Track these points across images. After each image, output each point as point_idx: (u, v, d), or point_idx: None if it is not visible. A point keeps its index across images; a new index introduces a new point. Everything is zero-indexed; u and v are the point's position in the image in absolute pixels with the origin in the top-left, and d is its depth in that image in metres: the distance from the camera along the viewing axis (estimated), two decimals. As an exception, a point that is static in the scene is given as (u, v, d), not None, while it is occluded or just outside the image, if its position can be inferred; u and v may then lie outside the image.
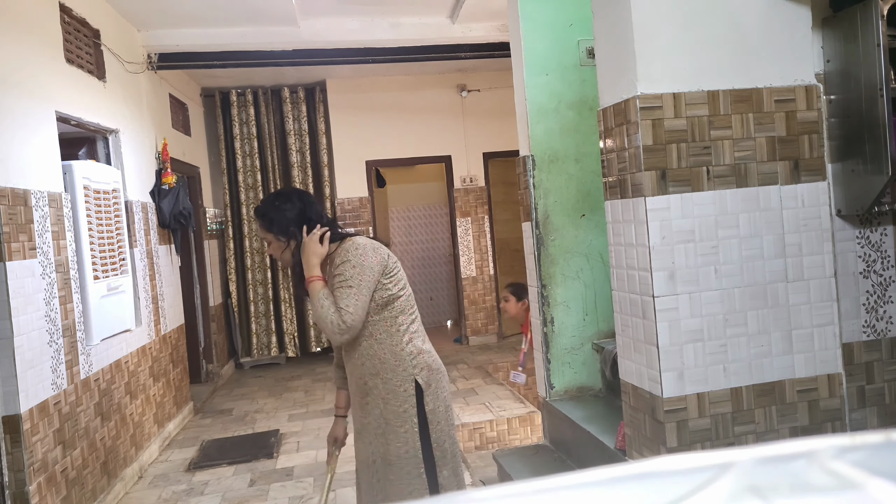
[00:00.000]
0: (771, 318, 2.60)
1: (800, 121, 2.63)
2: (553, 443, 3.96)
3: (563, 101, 3.92)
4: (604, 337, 3.97)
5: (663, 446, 2.53)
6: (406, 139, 7.51)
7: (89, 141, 4.49)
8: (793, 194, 2.62)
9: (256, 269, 7.40)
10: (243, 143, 7.38)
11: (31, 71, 3.44)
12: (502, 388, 5.65)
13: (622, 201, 2.68)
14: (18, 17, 3.37)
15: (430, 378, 2.35)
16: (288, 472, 4.08)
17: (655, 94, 2.50)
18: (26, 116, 3.32)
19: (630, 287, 2.67)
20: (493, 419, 4.80)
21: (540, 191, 3.89)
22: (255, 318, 7.39)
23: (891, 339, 2.85)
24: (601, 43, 2.80)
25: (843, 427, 2.69)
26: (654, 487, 0.43)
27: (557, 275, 3.92)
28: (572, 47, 3.93)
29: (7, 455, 2.98)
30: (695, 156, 2.54)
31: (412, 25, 5.72)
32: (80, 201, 3.78)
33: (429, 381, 2.34)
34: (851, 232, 2.80)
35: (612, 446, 3.11)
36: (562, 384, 3.97)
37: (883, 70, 2.48)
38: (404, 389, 2.32)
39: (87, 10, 4.24)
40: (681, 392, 2.52)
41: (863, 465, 0.42)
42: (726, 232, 2.56)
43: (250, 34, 5.51)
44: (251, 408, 5.72)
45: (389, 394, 2.32)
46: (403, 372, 2.32)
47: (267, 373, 7.12)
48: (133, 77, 5.04)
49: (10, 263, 3.00)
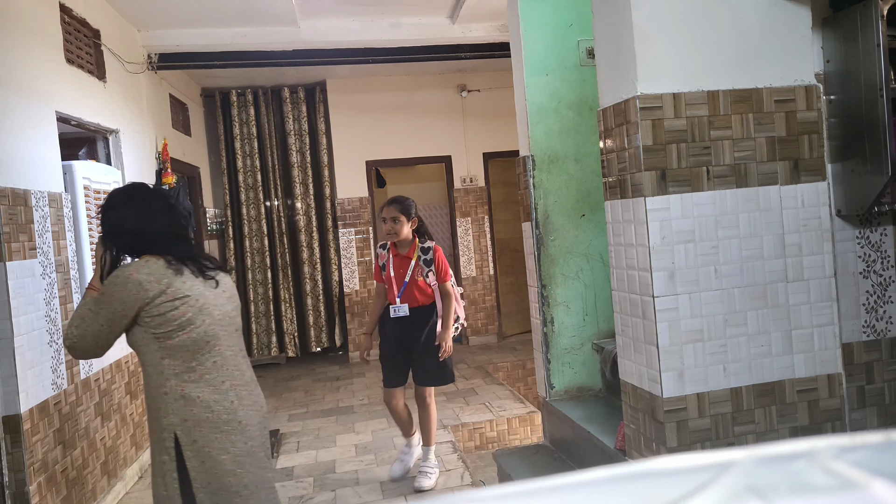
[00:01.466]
0: (771, 318, 2.60)
1: (800, 121, 2.63)
2: (553, 443, 3.96)
3: (563, 101, 3.92)
4: (604, 337, 3.97)
5: (663, 446, 2.53)
6: (406, 139, 7.51)
7: (89, 141, 4.49)
8: (793, 194, 2.62)
9: (256, 269, 7.40)
10: (243, 143, 7.38)
11: (32, 71, 3.44)
12: (502, 388, 5.65)
13: (622, 201, 2.68)
14: (18, 17, 3.37)
15: (193, 432, 2.03)
16: (288, 472, 4.08)
17: (655, 94, 2.51)
18: (26, 116, 3.32)
19: (630, 287, 2.67)
20: (493, 419, 4.80)
21: (540, 191, 3.89)
22: (255, 318, 7.39)
23: (891, 339, 2.85)
24: (601, 43, 2.80)
25: (843, 427, 2.69)
26: (654, 487, 0.43)
27: (557, 275, 3.92)
28: (572, 47, 3.93)
29: (7, 455, 2.98)
30: (695, 156, 2.54)
31: (412, 25, 5.72)
32: (80, 201, 3.78)
33: (192, 437, 2.03)
34: (851, 232, 2.81)
35: (612, 446, 3.11)
36: (562, 384, 3.97)
37: (883, 70, 2.48)
38: (163, 439, 2.05)
39: (87, 10, 4.24)
40: (681, 392, 2.52)
41: (863, 465, 0.42)
42: (726, 232, 2.56)
43: (250, 34, 5.51)
44: (251, 408, 5.72)
45: (153, 439, 2.10)
46: (164, 419, 2.05)
47: (267, 373, 7.12)
48: (133, 77, 5.04)
49: (10, 263, 3.00)
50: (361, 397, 5.73)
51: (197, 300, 2.05)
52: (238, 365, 2.16)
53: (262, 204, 7.42)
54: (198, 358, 2.06)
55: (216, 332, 2.09)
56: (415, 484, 3.72)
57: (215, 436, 2.04)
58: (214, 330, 2.08)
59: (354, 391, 5.97)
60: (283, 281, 7.45)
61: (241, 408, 2.11)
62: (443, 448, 4.26)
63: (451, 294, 3.74)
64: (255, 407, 2.17)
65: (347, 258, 7.37)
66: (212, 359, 2.08)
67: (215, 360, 2.09)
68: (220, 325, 2.10)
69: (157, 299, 1.99)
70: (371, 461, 4.13)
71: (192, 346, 2.05)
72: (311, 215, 7.51)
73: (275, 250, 7.48)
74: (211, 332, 2.07)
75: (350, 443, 4.49)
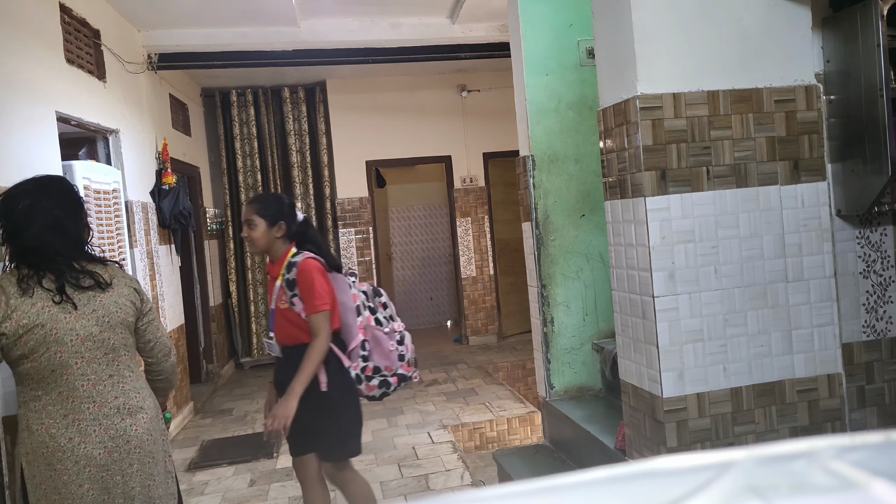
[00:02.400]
0: (771, 318, 2.60)
1: (800, 121, 2.63)
2: (553, 443, 3.96)
3: (563, 101, 3.92)
4: (604, 337, 3.97)
5: (663, 446, 2.53)
6: (406, 139, 7.51)
7: (89, 141, 4.49)
8: (793, 194, 2.62)
9: (256, 269, 7.40)
10: (243, 143, 7.38)
11: (32, 71, 3.44)
12: (502, 388, 5.65)
13: (622, 201, 2.68)
14: (19, 17, 3.37)
15: (32, 466, 1.89)
16: (288, 472, 4.08)
17: (655, 94, 2.51)
18: (26, 116, 3.32)
19: (630, 287, 2.67)
20: (493, 419, 4.81)
21: (540, 191, 3.89)
22: (255, 318, 7.39)
23: (891, 339, 2.85)
24: (601, 43, 2.80)
25: (843, 427, 2.69)
26: (654, 487, 0.43)
27: (557, 275, 3.92)
28: (572, 47, 3.93)
29: (7, 455, 2.98)
30: (695, 156, 2.54)
31: (412, 25, 5.72)
32: (80, 201, 3.78)
33: (31, 471, 1.90)
34: (851, 232, 2.81)
35: (612, 446, 3.11)
36: (562, 384, 3.97)
37: (883, 70, 2.48)
38: (15, 466, 1.95)
39: (87, 10, 4.24)
40: (681, 392, 2.52)
41: (863, 465, 0.42)
42: (726, 232, 2.56)
43: (250, 34, 5.51)
44: (251, 408, 5.71)
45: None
46: (17, 446, 1.93)
47: (267, 373, 7.12)
48: (133, 77, 5.04)
49: (10, 263, 2.99)
50: (361, 397, 5.73)
51: (43, 326, 1.85)
52: (94, 396, 1.92)
53: (262, 204, 7.42)
54: (43, 387, 1.89)
55: (66, 361, 1.88)
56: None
57: (49, 473, 1.89)
58: (63, 358, 1.88)
59: (354, 391, 5.97)
60: (283, 281, 7.45)
61: (83, 445, 1.89)
62: (443, 448, 4.26)
63: (320, 333, 2.57)
64: (108, 445, 1.93)
65: (347, 258, 7.37)
66: (57, 389, 1.89)
67: (61, 391, 1.89)
68: (73, 352, 1.89)
69: (3, 324, 1.82)
70: (371, 461, 4.13)
71: (36, 375, 1.88)
72: (311, 215, 7.51)
73: (275, 250, 7.48)
74: (58, 360, 1.87)
75: (350, 443, 4.49)
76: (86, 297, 1.93)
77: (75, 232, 1.97)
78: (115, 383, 1.98)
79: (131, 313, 2.04)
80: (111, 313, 1.97)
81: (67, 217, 1.95)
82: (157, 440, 2.06)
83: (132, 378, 2.04)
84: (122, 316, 2.00)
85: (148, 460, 2.01)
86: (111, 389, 1.96)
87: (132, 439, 1.97)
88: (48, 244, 1.90)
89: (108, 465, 1.92)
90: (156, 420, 2.08)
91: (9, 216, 1.91)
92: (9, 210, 1.91)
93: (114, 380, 1.98)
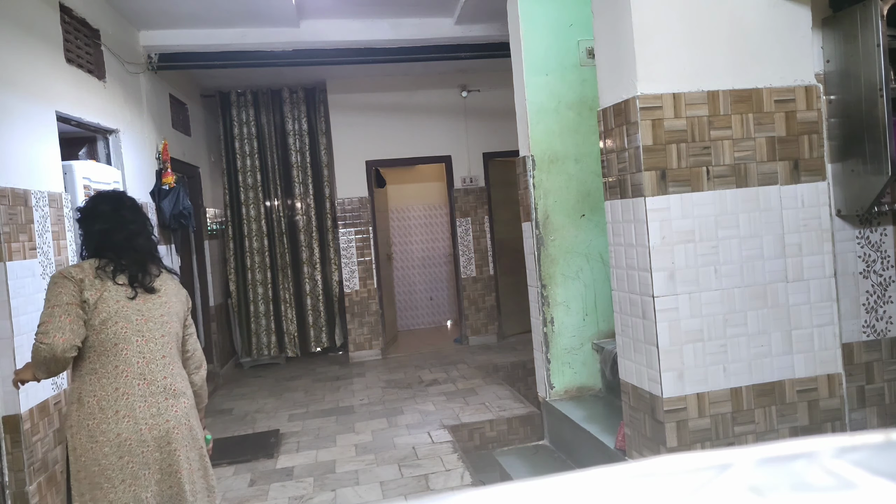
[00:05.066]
0: (771, 318, 2.60)
1: (800, 121, 2.63)
2: (553, 443, 3.96)
3: (563, 101, 3.92)
4: (604, 337, 3.97)
5: (663, 446, 2.53)
6: (406, 139, 7.51)
7: (89, 141, 4.49)
8: (793, 194, 2.62)
9: (256, 269, 7.39)
10: (243, 143, 7.38)
11: (32, 71, 3.44)
12: (502, 387, 5.65)
13: (622, 201, 2.68)
14: (19, 17, 3.37)
15: (74, 439, 2.06)
16: (288, 472, 4.08)
17: (655, 94, 2.51)
18: (26, 116, 3.32)
19: (630, 287, 2.67)
20: (493, 419, 4.81)
21: (540, 191, 3.89)
22: (255, 318, 7.39)
23: (891, 339, 2.85)
24: (601, 43, 2.80)
25: (843, 427, 2.69)
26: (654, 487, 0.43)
27: (557, 275, 3.92)
28: (572, 47, 3.93)
29: (7, 455, 2.98)
30: (695, 156, 2.54)
31: (412, 25, 5.72)
32: (80, 201, 3.78)
33: (74, 445, 2.07)
34: (851, 232, 2.81)
35: (612, 446, 3.11)
36: (562, 384, 3.97)
37: (883, 70, 2.48)
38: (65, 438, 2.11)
39: (87, 10, 4.24)
40: (681, 392, 2.52)
41: (863, 465, 0.42)
42: (726, 232, 2.56)
43: (250, 34, 5.51)
44: (251, 408, 5.72)
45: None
46: (65, 421, 2.11)
47: (267, 373, 7.12)
48: (133, 77, 5.04)
49: (10, 263, 3.00)
50: (361, 397, 5.73)
51: (117, 302, 2.10)
52: (145, 374, 2.12)
53: (262, 204, 7.42)
54: (102, 361, 2.08)
55: (128, 337, 2.10)
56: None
57: (90, 445, 2.04)
58: (127, 334, 2.10)
59: (354, 391, 5.97)
60: (283, 281, 7.45)
61: (127, 419, 2.06)
62: (443, 448, 4.26)
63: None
64: (150, 422, 2.10)
65: (347, 258, 7.37)
66: (114, 363, 2.08)
67: (117, 365, 2.09)
68: (135, 329, 2.12)
69: (84, 292, 2.07)
70: (371, 461, 4.13)
71: (100, 347, 2.08)
72: (311, 215, 7.51)
73: (275, 250, 7.48)
74: (122, 334, 2.09)
75: (350, 443, 4.49)
76: (152, 289, 2.22)
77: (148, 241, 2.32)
78: (166, 364, 2.19)
79: (184, 311, 2.36)
80: (172, 303, 2.27)
81: (145, 228, 2.31)
82: (194, 427, 2.23)
83: (179, 365, 2.27)
84: (178, 308, 2.30)
85: (185, 442, 2.17)
86: (161, 369, 2.17)
87: (171, 419, 2.14)
88: (131, 245, 2.22)
89: (147, 441, 2.09)
90: (194, 409, 2.27)
91: (100, 218, 2.23)
92: (100, 214, 2.25)
93: (165, 361, 2.19)
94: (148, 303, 2.18)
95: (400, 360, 7.19)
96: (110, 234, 2.21)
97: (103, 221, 2.23)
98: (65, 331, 2.00)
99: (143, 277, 2.19)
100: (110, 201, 2.31)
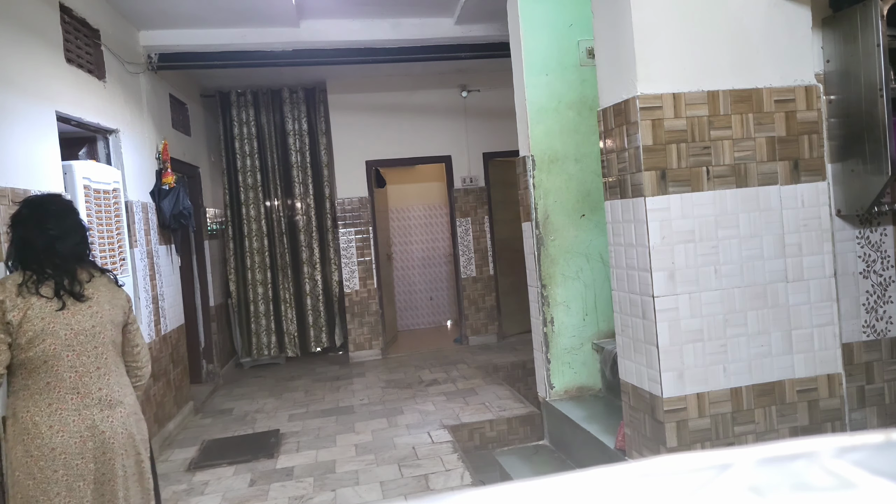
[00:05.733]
0: (771, 318, 2.60)
1: (800, 121, 2.63)
2: (553, 443, 3.96)
3: (563, 101, 3.92)
4: (604, 337, 3.97)
5: (663, 446, 2.53)
6: (406, 139, 7.51)
7: (89, 141, 4.49)
8: (793, 194, 2.62)
9: (256, 269, 7.39)
10: (243, 143, 7.37)
11: (32, 71, 3.44)
12: (502, 388, 5.65)
13: (622, 201, 2.68)
14: (18, 17, 3.37)
15: (10, 455, 2.09)
16: (288, 472, 4.08)
17: (655, 94, 2.51)
18: (26, 116, 3.32)
19: (630, 287, 2.67)
20: (493, 419, 4.81)
21: (540, 191, 3.89)
22: (254, 318, 7.39)
23: (891, 339, 2.85)
24: (601, 43, 2.80)
25: (843, 427, 2.69)
26: (654, 487, 0.43)
27: (557, 275, 3.92)
28: (572, 47, 3.93)
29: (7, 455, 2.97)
30: (695, 156, 2.54)
31: (413, 25, 5.72)
32: (80, 201, 3.78)
33: (10, 460, 2.09)
34: (851, 232, 2.81)
35: (612, 446, 3.11)
36: (562, 384, 3.97)
37: (883, 70, 2.48)
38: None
39: (87, 10, 4.24)
40: (681, 392, 2.52)
41: (863, 465, 0.42)
42: (726, 232, 2.56)
43: (250, 34, 5.51)
44: (251, 408, 5.72)
45: None
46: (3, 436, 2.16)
47: (267, 373, 7.12)
48: (133, 77, 5.04)
49: (10, 263, 2.99)
50: (361, 397, 5.73)
51: (42, 319, 2.06)
52: (78, 387, 2.11)
53: (262, 204, 7.42)
54: (33, 377, 2.07)
55: (58, 353, 2.08)
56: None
57: (25, 459, 2.05)
58: (56, 350, 2.08)
59: (354, 391, 5.97)
60: (283, 281, 7.45)
61: (61, 434, 2.06)
62: (443, 448, 4.26)
63: None
64: (84, 434, 2.10)
65: (347, 258, 7.37)
66: (45, 379, 2.07)
67: (48, 381, 2.08)
68: (65, 345, 2.09)
69: (7, 314, 2.03)
70: (371, 461, 4.13)
71: (30, 365, 2.06)
72: (311, 215, 7.51)
73: (275, 250, 7.48)
74: (51, 351, 2.07)
75: (350, 443, 4.49)
76: (81, 296, 2.16)
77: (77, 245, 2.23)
78: (101, 375, 2.17)
79: (121, 315, 2.28)
80: (104, 311, 2.20)
81: (72, 231, 2.22)
82: (132, 434, 2.23)
83: (117, 373, 2.24)
84: (113, 314, 2.23)
85: (122, 451, 2.18)
86: (96, 381, 2.16)
87: (107, 430, 2.14)
88: (52, 254, 2.15)
89: (82, 452, 2.09)
90: (133, 416, 2.25)
91: (21, 224, 2.18)
92: (21, 221, 2.19)
93: (100, 372, 2.17)
94: (77, 315, 2.13)
95: (400, 360, 7.19)
96: (30, 241, 2.15)
97: (23, 228, 2.17)
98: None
99: (70, 285, 2.13)
100: (31, 206, 2.24)
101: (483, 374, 6.16)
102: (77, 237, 2.22)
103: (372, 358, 7.31)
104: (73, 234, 2.21)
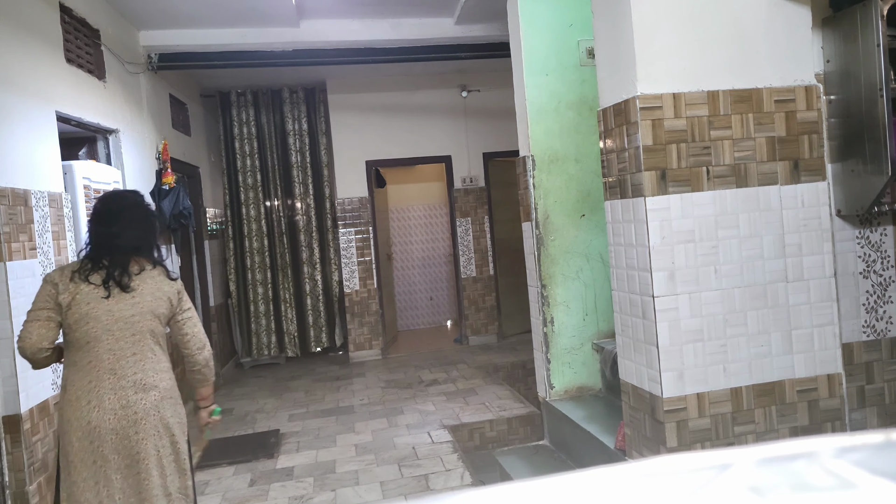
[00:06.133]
0: (771, 318, 2.60)
1: (800, 121, 2.63)
2: (553, 443, 3.96)
3: (563, 101, 3.92)
4: (604, 337, 3.97)
5: (663, 446, 2.53)
6: (406, 139, 7.51)
7: (89, 141, 4.49)
8: (793, 194, 2.62)
9: (256, 269, 7.39)
10: (243, 143, 7.37)
11: (32, 71, 3.44)
12: (502, 387, 5.65)
13: (622, 201, 2.68)
14: (19, 17, 3.37)
15: (59, 422, 2.31)
16: (288, 472, 4.08)
17: (655, 94, 2.51)
18: (26, 116, 3.32)
19: (630, 287, 2.67)
20: (493, 419, 4.80)
21: (540, 191, 3.89)
22: (255, 318, 7.39)
23: (891, 339, 2.85)
24: (601, 43, 2.80)
25: (843, 427, 2.69)
26: (654, 487, 0.43)
27: (557, 275, 3.92)
28: (572, 47, 3.93)
29: (7, 455, 2.98)
30: (695, 156, 2.54)
31: (413, 25, 5.72)
32: (80, 201, 3.78)
33: (59, 424, 2.32)
34: (851, 232, 2.81)
35: (612, 446, 3.11)
36: (562, 384, 3.97)
37: (883, 70, 2.48)
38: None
39: (87, 10, 4.24)
40: (681, 392, 2.52)
41: (863, 465, 0.42)
42: (726, 232, 2.56)
43: (250, 34, 5.51)
44: (251, 408, 5.72)
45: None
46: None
47: (267, 373, 7.12)
48: (133, 77, 5.04)
49: (10, 263, 3.00)
50: (361, 397, 5.73)
51: (87, 304, 2.27)
52: (115, 369, 2.29)
53: (262, 204, 7.42)
54: (79, 356, 2.28)
55: (98, 335, 2.28)
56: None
57: (66, 428, 2.27)
58: (97, 333, 2.28)
59: (354, 391, 5.97)
60: (283, 281, 7.45)
61: (97, 409, 2.25)
62: (443, 448, 4.26)
63: None
64: (119, 413, 2.28)
65: (347, 258, 7.37)
66: (87, 359, 2.28)
67: (90, 361, 2.28)
68: (105, 329, 2.29)
69: (59, 295, 2.26)
70: (371, 461, 4.13)
71: (76, 344, 2.28)
72: (311, 215, 7.51)
73: (275, 250, 7.48)
74: (92, 334, 2.28)
75: (350, 443, 4.49)
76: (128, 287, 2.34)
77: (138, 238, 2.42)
78: (137, 360, 2.33)
79: (165, 307, 2.41)
80: (146, 302, 2.36)
81: (134, 226, 2.41)
82: (164, 417, 2.37)
83: (153, 360, 2.38)
84: (155, 306, 2.38)
85: (154, 431, 2.33)
86: (132, 365, 2.32)
87: (139, 411, 2.30)
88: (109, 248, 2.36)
89: (116, 429, 2.27)
90: (168, 400, 2.39)
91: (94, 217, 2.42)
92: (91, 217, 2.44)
93: (136, 357, 2.33)
94: (120, 303, 2.32)
95: (400, 360, 7.19)
96: (96, 233, 2.39)
97: (90, 223, 2.43)
98: (32, 335, 2.23)
99: (119, 276, 2.33)
100: (99, 202, 2.47)
101: (483, 374, 6.16)
102: (135, 232, 2.40)
103: (372, 358, 7.31)
104: (131, 230, 2.39)
